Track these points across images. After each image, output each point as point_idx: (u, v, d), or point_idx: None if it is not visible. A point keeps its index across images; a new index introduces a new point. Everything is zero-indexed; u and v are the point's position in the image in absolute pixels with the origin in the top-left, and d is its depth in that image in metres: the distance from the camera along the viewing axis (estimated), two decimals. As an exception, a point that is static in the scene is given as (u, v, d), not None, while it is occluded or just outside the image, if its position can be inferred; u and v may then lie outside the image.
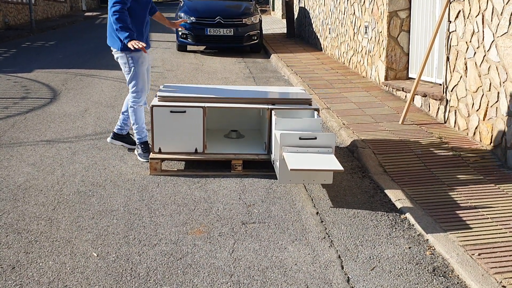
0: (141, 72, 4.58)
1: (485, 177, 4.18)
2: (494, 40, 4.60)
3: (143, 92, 4.62)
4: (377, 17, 7.57)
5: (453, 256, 3.03)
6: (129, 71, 4.56)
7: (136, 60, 4.53)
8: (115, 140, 4.88)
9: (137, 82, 4.57)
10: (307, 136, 3.79)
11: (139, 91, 4.59)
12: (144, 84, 4.62)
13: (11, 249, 3.06)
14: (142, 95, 4.62)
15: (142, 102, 4.65)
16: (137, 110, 4.63)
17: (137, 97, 4.60)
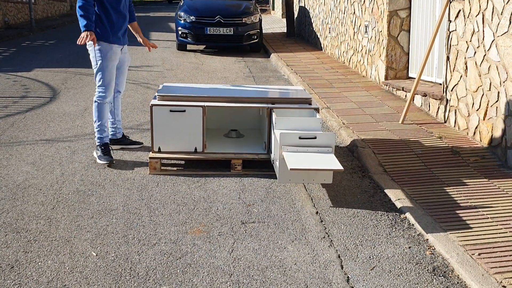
0: (108, 66, 4.44)
1: (485, 177, 4.17)
2: (495, 40, 4.59)
3: (109, 88, 4.47)
4: (377, 17, 7.57)
5: (453, 256, 3.02)
6: (95, 65, 4.44)
7: (104, 54, 4.41)
8: (112, 145, 4.80)
9: (102, 76, 4.43)
10: (307, 135, 3.78)
11: (105, 86, 4.45)
12: (111, 80, 4.47)
13: (10, 249, 3.05)
14: (107, 91, 4.47)
15: (108, 99, 4.52)
16: (101, 106, 4.49)
17: (102, 92, 4.45)
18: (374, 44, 7.77)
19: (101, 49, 4.39)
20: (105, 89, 4.45)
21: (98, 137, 4.49)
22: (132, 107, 6.45)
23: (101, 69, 4.42)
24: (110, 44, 4.44)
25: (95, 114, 4.50)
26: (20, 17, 18.08)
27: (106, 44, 4.42)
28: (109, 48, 4.43)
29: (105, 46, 4.41)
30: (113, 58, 4.48)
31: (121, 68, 4.68)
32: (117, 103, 4.80)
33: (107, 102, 4.52)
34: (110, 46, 4.43)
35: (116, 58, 4.52)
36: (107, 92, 4.47)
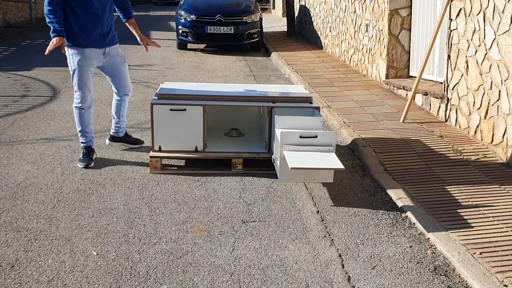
0: (81, 71, 4.25)
1: (486, 176, 4.16)
2: (496, 38, 4.57)
3: (84, 94, 4.30)
4: (378, 15, 7.55)
5: (454, 255, 3.02)
6: (71, 71, 4.30)
7: (76, 59, 4.23)
8: (113, 142, 4.82)
9: (76, 81, 4.28)
10: (307, 134, 3.77)
11: (80, 91, 4.29)
12: (85, 85, 4.28)
13: (10, 248, 3.05)
14: (83, 98, 4.30)
15: (85, 106, 4.34)
16: (80, 112, 4.36)
17: (78, 97, 4.31)
18: (374, 43, 7.75)
19: (73, 54, 4.24)
20: (81, 94, 4.29)
21: (81, 141, 4.44)
22: (133, 106, 6.44)
23: (74, 74, 4.28)
24: (81, 48, 4.23)
25: (76, 120, 4.41)
26: (20, 16, 18.08)
27: (77, 48, 4.23)
28: (80, 53, 4.23)
29: (75, 50, 4.23)
30: (86, 63, 4.26)
31: (114, 71, 4.51)
32: (124, 105, 4.72)
33: (86, 108, 4.35)
34: (81, 51, 4.23)
35: (90, 62, 4.29)
36: (83, 97, 4.30)
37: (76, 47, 4.22)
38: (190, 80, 8.25)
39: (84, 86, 4.29)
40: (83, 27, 4.20)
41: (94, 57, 4.29)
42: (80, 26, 4.19)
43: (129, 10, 4.64)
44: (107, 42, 4.36)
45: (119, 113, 4.72)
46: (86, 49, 4.24)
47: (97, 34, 4.26)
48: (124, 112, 4.77)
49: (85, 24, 4.19)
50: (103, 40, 4.31)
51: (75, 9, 4.15)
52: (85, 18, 4.19)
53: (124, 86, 4.63)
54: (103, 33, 4.31)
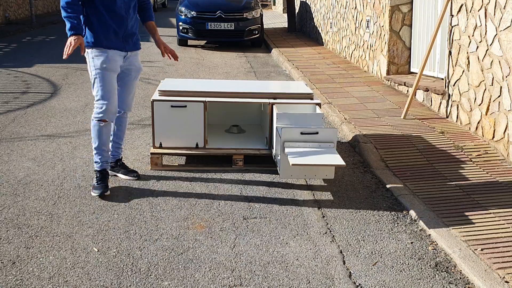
0: (106, 77, 3.71)
1: (487, 172, 4.15)
2: (497, 34, 4.56)
3: (107, 105, 3.71)
4: (379, 11, 7.53)
5: (456, 251, 3.02)
6: (91, 76, 3.77)
7: (99, 62, 3.71)
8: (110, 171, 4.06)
9: (99, 89, 3.72)
10: (308, 131, 3.76)
11: (103, 101, 3.72)
12: (109, 93, 3.72)
13: (11, 244, 3.05)
14: (107, 108, 3.71)
15: (108, 118, 3.74)
16: (98, 126, 3.76)
17: (100, 107, 3.73)
18: (375, 39, 7.74)
19: (94, 56, 3.73)
20: (104, 104, 3.72)
21: (95, 161, 3.82)
22: (133, 103, 6.42)
23: (96, 80, 3.73)
24: (104, 49, 3.73)
25: (92, 134, 3.79)
26: (20, 13, 18.05)
27: (100, 50, 3.73)
28: (103, 54, 3.73)
29: (99, 52, 3.73)
30: (111, 67, 3.74)
31: (124, 80, 3.92)
32: (120, 123, 4.06)
33: (108, 120, 3.77)
34: (104, 52, 3.73)
35: (115, 66, 3.78)
36: (107, 108, 3.72)
37: (99, 48, 3.72)
38: (190, 76, 8.24)
39: (108, 94, 3.71)
40: (107, 27, 3.73)
41: (117, 60, 3.79)
42: (103, 26, 3.72)
43: (150, 12, 4.12)
44: (130, 46, 3.87)
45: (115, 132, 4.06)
46: (110, 50, 3.75)
47: (120, 36, 3.79)
48: (122, 132, 4.11)
49: (108, 24, 3.73)
50: (125, 42, 3.83)
51: (98, 7, 3.70)
52: (109, 17, 3.72)
53: (126, 102, 4.02)
54: (126, 35, 3.82)
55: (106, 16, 3.72)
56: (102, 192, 3.72)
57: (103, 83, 3.71)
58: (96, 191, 3.73)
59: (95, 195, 3.73)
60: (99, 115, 3.73)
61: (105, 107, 3.71)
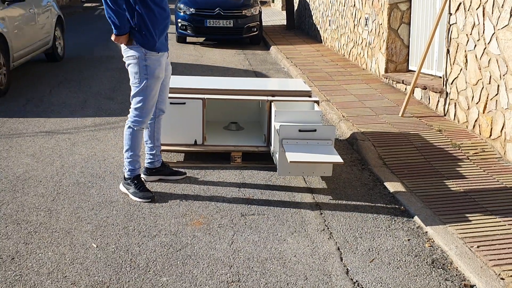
0: (155, 86, 3.55)
1: (484, 170, 4.18)
2: (495, 33, 4.58)
3: (149, 112, 3.61)
4: (378, 9, 7.55)
5: (452, 248, 3.04)
6: (138, 83, 3.51)
7: (152, 70, 3.48)
8: (150, 176, 3.94)
9: (145, 98, 3.53)
10: (307, 128, 3.78)
11: (145, 110, 3.57)
12: (154, 103, 3.62)
13: (10, 240, 3.06)
14: (147, 115, 3.60)
15: (146, 124, 3.68)
16: (137, 133, 3.62)
17: (140, 116, 3.57)
18: (374, 37, 7.75)
19: (147, 64, 3.46)
20: (145, 113, 3.56)
21: (129, 169, 3.66)
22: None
23: (145, 89, 3.49)
24: (157, 53, 3.48)
25: (127, 142, 3.62)
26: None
27: (154, 54, 3.47)
28: (157, 62, 3.49)
29: (152, 58, 3.47)
30: (161, 75, 3.57)
31: (164, 82, 3.71)
32: (159, 125, 3.91)
33: (144, 128, 3.69)
34: (157, 58, 3.49)
35: (163, 72, 3.60)
36: (147, 116, 3.58)
37: (153, 52, 3.46)
38: (189, 73, 8.24)
39: (153, 104, 3.60)
40: (158, 26, 3.48)
41: (164, 65, 3.61)
42: (155, 25, 3.45)
43: None
44: (168, 44, 3.72)
45: (153, 136, 3.89)
46: (162, 54, 3.54)
47: (165, 36, 3.60)
48: (159, 134, 3.94)
49: (160, 22, 3.49)
50: (166, 42, 3.64)
51: (148, 3, 3.43)
52: (159, 15, 3.48)
53: (164, 102, 3.86)
54: (167, 35, 3.64)
55: (157, 13, 3.47)
56: (153, 198, 3.63)
57: (152, 93, 3.54)
58: (144, 198, 3.61)
59: (143, 201, 3.60)
60: (140, 124, 3.59)
61: (147, 117, 3.61)
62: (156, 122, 3.87)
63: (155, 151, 3.93)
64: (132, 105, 3.59)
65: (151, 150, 3.91)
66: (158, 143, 3.94)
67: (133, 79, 3.54)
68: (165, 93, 3.83)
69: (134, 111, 3.58)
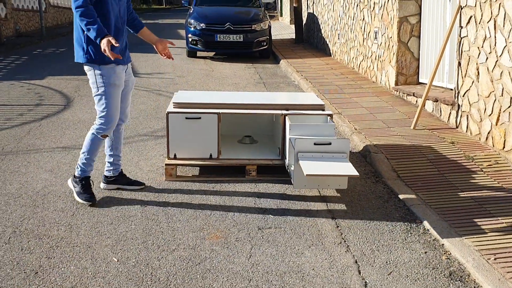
0: (113, 93, 3.69)
1: (498, 182, 4.19)
2: (507, 45, 4.62)
3: (113, 120, 3.73)
4: (387, 23, 7.61)
5: (469, 261, 3.05)
6: (96, 91, 3.68)
7: (108, 78, 3.64)
8: (109, 184, 4.12)
9: (106, 105, 3.68)
10: (322, 141, 3.82)
11: (109, 117, 3.71)
12: (116, 109, 3.73)
13: (33, 254, 3.12)
14: (111, 122, 3.73)
15: (110, 133, 3.81)
16: (97, 140, 3.78)
17: (104, 124, 3.73)
18: (384, 50, 7.80)
19: (102, 73, 3.64)
20: (109, 121, 3.72)
21: (81, 169, 3.84)
22: (146, 114, 6.52)
23: (104, 97, 3.68)
24: (113, 65, 3.67)
25: (86, 145, 3.80)
26: (31, 25, 18.28)
27: (109, 66, 3.65)
28: (112, 71, 3.67)
29: (107, 68, 3.64)
30: (118, 83, 3.73)
31: (124, 93, 3.90)
32: (118, 135, 4.04)
33: (108, 136, 3.87)
34: (113, 68, 3.67)
35: (122, 81, 3.77)
36: (111, 124, 3.75)
37: (108, 64, 3.64)
38: (200, 87, 8.33)
39: (116, 111, 3.74)
40: (118, 37, 3.67)
41: (123, 76, 3.78)
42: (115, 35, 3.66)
43: (138, 20, 4.07)
44: (128, 58, 3.88)
45: (113, 146, 4.06)
46: (118, 66, 3.70)
47: (123, 46, 3.78)
48: (120, 144, 4.09)
49: (116, 32, 3.67)
50: (124, 55, 3.79)
51: (107, 16, 3.59)
52: (113, 32, 3.67)
53: (124, 111, 3.99)
54: (125, 48, 3.82)
55: (114, 23, 3.65)
56: (94, 201, 3.83)
57: (111, 100, 3.70)
58: (85, 199, 3.81)
59: (83, 202, 3.80)
60: (103, 131, 3.76)
61: (111, 124, 3.76)
62: (115, 131, 4.00)
63: (113, 159, 4.09)
64: (98, 114, 3.78)
65: (110, 158, 4.09)
66: (117, 152, 4.09)
67: (92, 88, 3.75)
68: (125, 103, 3.97)
69: (98, 119, 3.77)
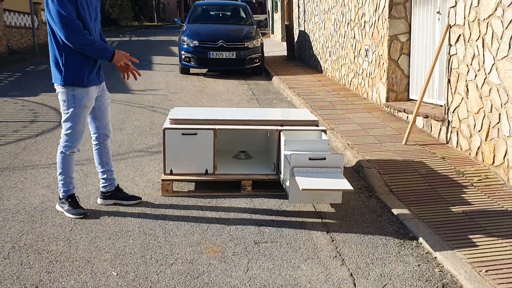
0: (82, 114, 3.82)
1: (489, 196, 4.29)
2: (495, 63, 4.75)
3: (78, 138, 3.87)
4: (378, 41, 7.76)
5: (461, 273, 3.13)
6: (66, 110, 3.80)
7: (79, 100, 3.77)
8: (106, 199, 4.20)
9: (73, 124, 3.81)
10: (316, 156, 3.90)
11: (74, 136, 3.85)
12: (82, 129, 3.87)
13: (33, 269, 3.15)
14: (76, 140, 3.87)
15: (76, 148, 3.92)
16: (68, 157, 3.90)
17: (70, 141, 3.85)
18: (374, 67, 7.95)
19: (75, 94, 3.76)
20: (74, 138, 3.85)
21: (64, 190, 3.97)
22: (140, 130, 6.58)
23: (73, 116, 3.79)
24: (85, 88, 3.78)
25: (60, 166, 3.92)
26: (23, 42, 18.34)
27: (82, 88, 3.77)
28: (85, 94, 3.78)
29: (79, 91, 3.76)
30: (88, 105, 3.85)
31: (103, 109, 4.03)
32: (106, 150, 4.14)
33: (75, 152, 3.93)
34: (86, 91, 3.79)
35: (92, 103, 3.89)
36: (77, 141, 3.88)
37: (80, 87, 3.77)
38: (194, 104, 8.41)
39: (82, 129, 3.89)
40: (87, 64, 3.80)
41: (94, 96, 3.91)
42: (84, 63, 3.78)
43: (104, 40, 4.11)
44: (102, 78, 4.01)
45: (103, 161, 4.15)
46: (91, 87, 3.84)
47: (97, 68, 3.91)
48: (109, 159, 4.18)
49: (88, 60, 3.80)
50: (98, 75, 3.94)
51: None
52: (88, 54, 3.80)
53: (107, 126, 4.10)
54: (99, 69, 3.96)
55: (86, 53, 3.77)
56: (85, 214, 3.93)
57: (80, 120, 3.83)
58: (76, 213, 3.91)
59: (75, 217, 3.90)
60: (70, 148, 3.88)
61: (77, 142, 3.89)
62: (102, 147, 4.12)
63: (107, 175, 4.16)
64: (63, 131, 3.89)
65: (103, 174, 4.17)
66: (108, 167, 4.17)
67: (62, 106, 3.84)
68: (106, 119, 4.08)
69: (64, 137, 3.88)
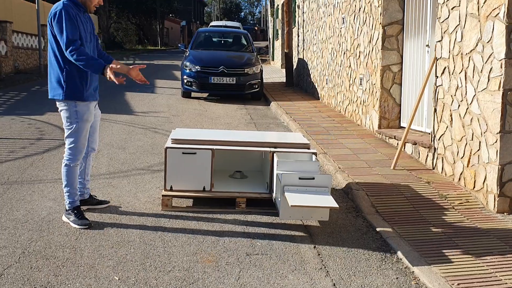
0: (84, 128, 4.13)
1: (468, 218, 4.58)
2: (476, 95, 5.09)
3: (81, 151, 4.19)
4: (371, 70, 8.14)
5: (435, 286, 3.40)
6: (70, 126, 4.10)
7: (81, 115, 4.07)
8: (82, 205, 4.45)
9: (77, 139, 4.13)
10: (306, 176, 4.21)
11: (77, 149, 4.16)
12: (85, 142, 4.20)
13: (41, 272, 3.42)
14: (80, 153, 4.19)
15: (79, 161, 4.24)
16: (72, 169, 4.19)
17: (73, 155, 4.16)
18: (368, 95, 8.30)
19: (78, 109, 4.05)
20: (77, 151, 4.17)
21: (69, 202, 4.25)
22: (142, 150, 6.89)
23: (76, 131, 4.11)
24: (86, 102, 4.08)
25: (65, 179, 4.21)
26: (29, 63, 18.80)
27: (82, 103, 4.06)
28: (86, 108, 4.08)
29: (81, 105, 4.06)
30: (90, 119, 4.17)
31: (94, 125, 4.36)
32: (88, 162, 4.53)
33: (78, 164, 4.27)
34: (86, 105, 4.09)
35: (92, 117, 4.22)
36: (80, 154, 4.20)
37: (82, 102, 4.07)
38: (194, 126, 8.74)
39: (85, 143, 4.20)
40: (88, 80, 4.09)
41: (93, 111, 4.23)
42: (85, 79, 4.07)
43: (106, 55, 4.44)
44: (98, 95, 4.33)
45: (85, 172, 4.51)
46: (91, 103, 4.15)
47: (94, 86, 4.21)
48: (89, 170, 4.58)
49: (88, 76, 4.08)
50: (95, 92, 4.26)
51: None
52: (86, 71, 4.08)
53: (95, 140, 4.49)
54: (96, 85, 4.27)
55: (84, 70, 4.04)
56: (90, 225, 4.20)
57: (82, 134, 4.15)
58: (81, 224, 4.17)
59: (81, 227, 4.16)
60: (74, 161, 4.20)
61: (80, 154, 4.23)
62: (87, 159, 4.52)
63: (84, 184, 4.54)
64: (66, 145, 4.20)
65: (81, 184, 4.50)
66: (88, 177, 4.59)
67: (65, 122, 4.15)
68: (95, 134, 4.48)
69: (68, 150, 4.19)
